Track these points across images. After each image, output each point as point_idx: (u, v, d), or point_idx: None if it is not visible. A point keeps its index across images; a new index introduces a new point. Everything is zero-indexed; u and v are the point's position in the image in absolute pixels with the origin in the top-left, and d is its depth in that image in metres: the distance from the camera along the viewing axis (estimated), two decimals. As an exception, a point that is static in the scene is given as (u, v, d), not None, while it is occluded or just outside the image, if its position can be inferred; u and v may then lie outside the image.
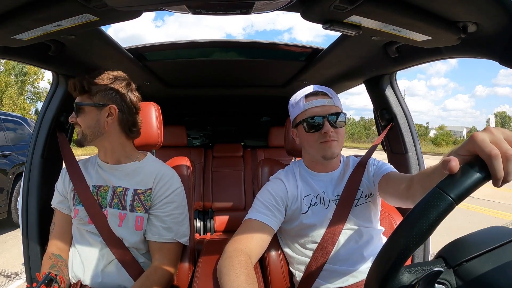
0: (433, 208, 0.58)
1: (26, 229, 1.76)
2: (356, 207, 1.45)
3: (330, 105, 1.42)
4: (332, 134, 1.39)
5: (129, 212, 1.46)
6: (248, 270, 1.16)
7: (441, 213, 0.58)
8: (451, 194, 0.58)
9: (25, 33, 1.18)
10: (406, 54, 1.64)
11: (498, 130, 0.63)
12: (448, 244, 0.73)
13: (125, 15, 1.15)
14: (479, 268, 0.65)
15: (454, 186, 0.58)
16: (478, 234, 0.75)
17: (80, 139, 1.47)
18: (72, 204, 1.52)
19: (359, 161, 1.55)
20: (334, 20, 1.16)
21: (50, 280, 1.31)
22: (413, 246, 0.59)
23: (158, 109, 1.74)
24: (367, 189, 1.49)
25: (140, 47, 2.05)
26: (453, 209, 0.58)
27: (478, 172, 0.59)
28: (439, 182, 0.61)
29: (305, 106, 1.43)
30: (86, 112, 1.45)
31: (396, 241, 0.62)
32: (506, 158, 0.59)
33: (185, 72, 2.65)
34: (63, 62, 1.70)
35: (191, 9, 1.09)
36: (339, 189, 1.48)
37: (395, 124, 2.03)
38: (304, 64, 2.32)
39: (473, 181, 0.59)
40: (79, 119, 1.45)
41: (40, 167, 1.79)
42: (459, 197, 0.58)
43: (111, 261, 1.45)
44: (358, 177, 1.49)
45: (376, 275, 0.64)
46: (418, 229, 0.59)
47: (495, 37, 1.12)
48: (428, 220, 0.58)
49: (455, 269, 0.67)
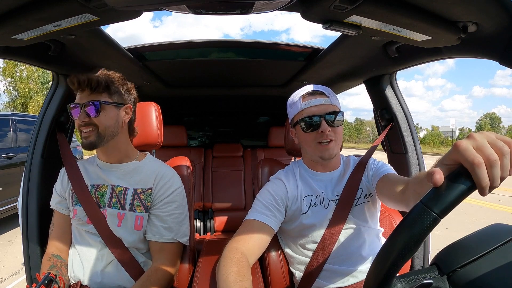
0: (417, 224, 0.59)
1: (26, 230, 1.76)
2: (356, 207, 1.45)
3: (327, 104, 1.42)
4: (329, 133, 1.39)
5: (128, 212, 1.46)
6: (239, 268, 1.16)
7: (426, 228, 0.58)
8: (435, 209, 0.58)
9: (25, 33, 1.18)
10: (406, 54, 1.64)
11: (482, 134, 0.62)
12: (442, 250, 0.73)
13: (125, 15, 1.15)
14: (473, 274, 0.65)
15: (438, 201, 0.58)
16: (473, 236, 0.75)
17: (95, 140, 1.40)
18: (70, 205, 1.51)
19: (359, 161, 1.55)
20: (334, 20, 1.16)
21: (49, 281, 1.31)
22: (401, 260, 0.60)
23: (158, 109, 1.74)
24: (367, 189, 1.49)
25: (140, 47, 2.05)
26: (438, 224, 0.58)
27: (462, 183, 0.58)
28: (424, 196, 0.61)
29: (302, 106, 1.43)
30: (106, 112, 1.42)
31: (384, 256, 0.62)
32: (490, 164, 0.58)
33: (185, 72, 2.65)
34: (63, 62, 1.70)
35: (191, 9, 1.09)
36: (339, 189, 1.48)
37: (395, 124, 2.03)
38: (304, 64, 2.32)
39: (458, 193, 0.58)
40: (98, 119, 1.40)
41: (40, 167, 1.79)
42: (443, 212, 0.58)
43: (110, 261, 1.44)
44: (358, 177, 1.49)
45: (370, 283, 0.64)
46: (405, 244, 0.59)
47: (495, 37, 1.12)
48: (414, 235, 0.59)
49: (449, 276, 0.67)
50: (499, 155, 0.59)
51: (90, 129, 1.40)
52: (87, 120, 1.39)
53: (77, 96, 1.43)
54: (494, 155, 0.58)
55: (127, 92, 1.52)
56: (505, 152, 0.59)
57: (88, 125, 1.39)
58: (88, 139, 1.40)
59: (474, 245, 0.71)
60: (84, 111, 1.38)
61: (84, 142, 1.41)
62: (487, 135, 0.61)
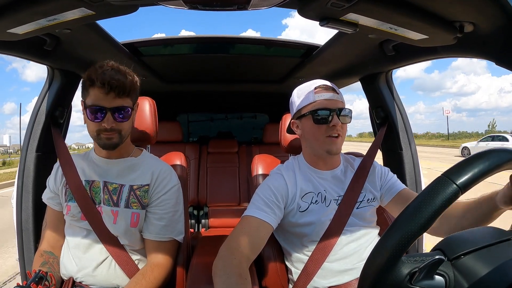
0: (438, 195, 0.60)
1: (20, 225, 1.75)
2: (357, 209, 1.45)
3: (338, 100, 1.41)
4: (339, 128, 1.39)
5: (124, 209, 1.44)
6: (240, 270, 1.15)
7: (446, 200, 0.60)
8: (457, 181, 0.60)
9: (20, 27, 1.17)
10: (402, 52, 1.65)
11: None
12: (447, 237, 0.74)
13: (121, 9, 1.14)
14: (476, 262, 0.65)
15: (458, 174, 0.61)
16: (474, 231, 0.76)
17: (118, 142, 1.40)
18: (64, 201, 1.49)
19: (362, 164, 1.55)
20: (331, 18, 1.16)
21: (40, 278, 1.29)
22: (417, 232, 0.61)
23: (153, 103, 1.73)
24: (370, 194, 1.49)
25: (136, 42, 2.05)
26: (458, 197, 0.61)
27: (479, 166, 0.61)
28: (446, 170, 0.62)
29: (315, 98, 1.41)
30: (129, 116, 1.41)
31: (401, 227, 0.63)
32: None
33: (180, 67, 2.65)
34: (59, 56, 1.69)
35: (187, 4, 1.08)
36: (340, 189, 1.48)
37: (390, 122, 2.03)
38: (301, 61, 2.33)
39: (475, 173, 0.60)
40: (123, 125, 1.39)
41: (35, 162, 1.78)
42: (464, 186, 0.60)
43: (105, 258, 1.43)
44: (361, 181, 1.49)
45: (376, 261, 0.65)
46: (424, 215, 0.60)
47: (491, 37, 1.12)
48: (433, 207, 0.60)
49: (453, 262, 0.67)
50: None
51: (113, 133, 1.38)
52: (114, 126, 1.36)
53: (94, 94, 1.35)
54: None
55: (138, 90, 1.50)
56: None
57: (113, 130, 1.37)
58: (113, 141, 1.39)
59: (476, 238, 0.72)
60: (112, 115, 1.36)
61: (107, 143, 1.39)
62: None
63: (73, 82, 1.93)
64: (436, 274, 0.65)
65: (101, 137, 1.38)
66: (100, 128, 1.36)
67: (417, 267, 0.64)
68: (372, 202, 1.49)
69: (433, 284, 0.65)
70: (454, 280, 0.65)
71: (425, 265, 0.64)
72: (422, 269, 0.64)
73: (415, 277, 0.64)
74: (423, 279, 0.64)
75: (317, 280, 1.42)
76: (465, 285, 0.63)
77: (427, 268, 0.64)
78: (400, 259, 0.63)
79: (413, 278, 0.64)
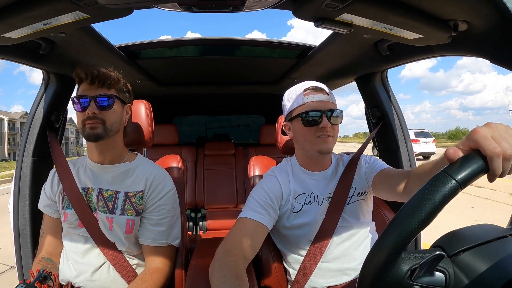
0: (438, 191, 0.59)
1: (17, 231, 1.74)
2: (349, 205, 1.46)
3: (328, 101, 1.42)
4: (329, 129, 1.39)
5: (119, 216, 1.43)
6: (237, 272, 1.15)
7: (446, 196, 0.59)
8: (456, 177, 0.59)
9: (15, 31, 1.17)
10: (397, 52, 1.65)
11: (499, 126, 0.64)
12: (446, 234, 0.74)
13: (116, 13, 1.14)
14: (476, 258, 0.65)
15: (457, 171, 0.60)
16: (473, 228, 0.76)
17: (101, 132, 1.37)
18: (61, 208, 1.47)
19: (350, 159, 1.56)
20: (326, 18, 1.17)
21: (44, 278, 1.30)
22: (418, 228, 0.60)
23: (149, 107, 1.73)
24: (360, 187, 1.49)
25: (131, 45, 2.04)
26: (457, 194, 0.60)
27: (478, 164, 0.60)
28: (444, 167, 0.62)
29: (304, 100, 1.42)
30: (115, 107, 1.41)
31: (400, 223, 0.62)
32: (506, 158, 0.60)
33: (176, 70, 2.64)
34: (54, 61, 1.68)
35: (182, 6, 1.08)
36: (332, 187, 1.48)
37: (386, 122, 2.04)
38: (296, 62, 2.33)
39: (474, 170, 0.60)
40: (107, 113, 1.39)
41: (31, 167, 1.77)
42: (464, 182, 0.59)
43: (103, 263, 1.42)
44: (350, 175, 1.49)
45: (375, 258, 0.64)
46: (424, 211, 0.60)
47: (486, 36, 1.13)
48: (433, 202, 0.60)
49: (452, 258, 0.67)
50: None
51: (97, 122, 1.37)
52: (97, 113, 1.36)
53: (81, 88, 1.40)
54: (511, 149, 0.61)
55: (128, 92, 1.52)
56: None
57: (96, 118, 1.36)
58: (95, 130, 1.36)
59: (475, 234, 0.72)
60: (95, 103, 1.36)
61: (90, 132, 1.36)
62: (504, 128, 0.64)
63: (69, 86, 1.92)
64: (436, 270, 0.65)
65: (85, 128, 1.37)
66: (84, 118, 1.37)
67: (417, 264, 0.64)
68: (363, 195, 1.49)
69: (434, 280, 0.65)
70: (454, 276, 0.65)
71: (425, 262, 0.64)
72: (422, 266, 0.64)
73: (416, 274, 0.64)
74: (423, 276, 0.64)
75: (314, 280, 1.42)
76: (465, 281, 0.63)
77: (427, 264, 0.64)
78: (400, 256, 0.63)
79: (414, 275, 0.64)
